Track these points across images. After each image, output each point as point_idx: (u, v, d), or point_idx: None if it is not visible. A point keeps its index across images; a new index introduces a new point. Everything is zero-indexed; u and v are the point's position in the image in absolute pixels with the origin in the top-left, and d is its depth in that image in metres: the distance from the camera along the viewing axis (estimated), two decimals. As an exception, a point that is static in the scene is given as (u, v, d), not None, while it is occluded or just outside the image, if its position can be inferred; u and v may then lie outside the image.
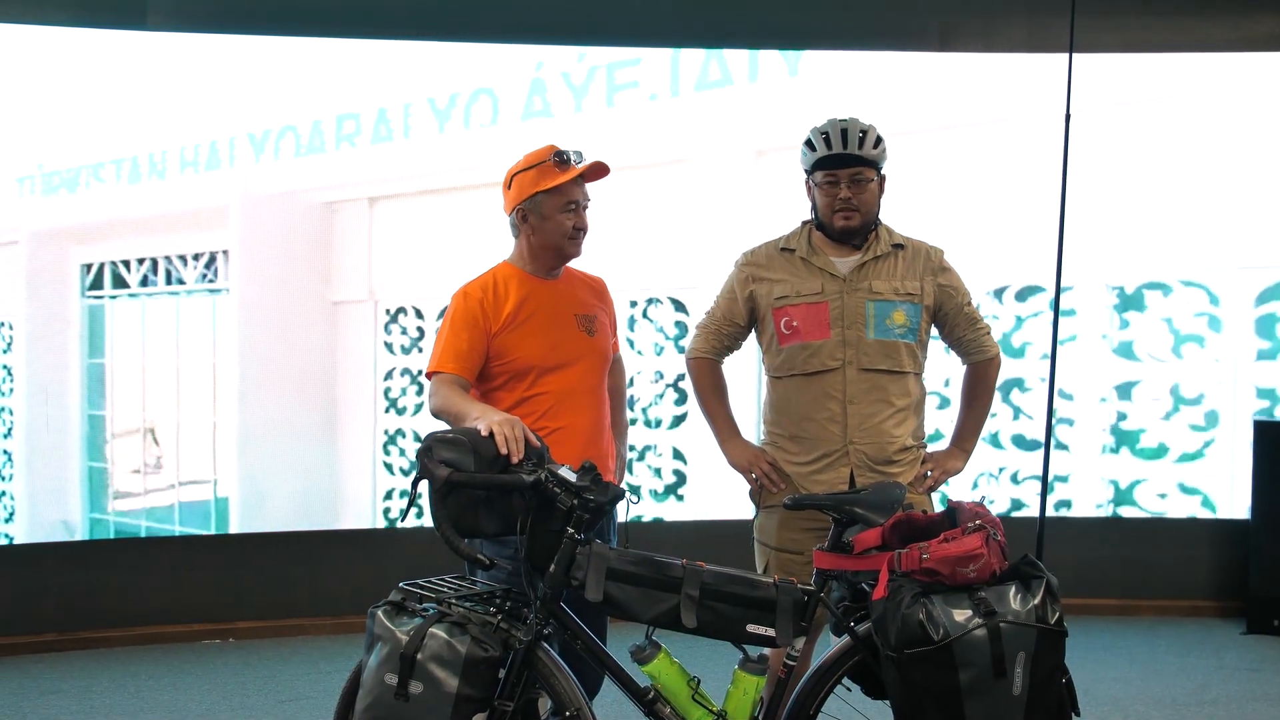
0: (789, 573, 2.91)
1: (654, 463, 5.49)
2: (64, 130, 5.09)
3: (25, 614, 5.13)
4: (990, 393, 3.41)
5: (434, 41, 5.33)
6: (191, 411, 5.28)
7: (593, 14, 5.43)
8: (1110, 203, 5.48)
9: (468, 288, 3.10)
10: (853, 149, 3.16)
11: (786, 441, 3.29)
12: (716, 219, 5.44)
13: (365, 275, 5.38)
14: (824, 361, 3.21)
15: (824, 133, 3.20)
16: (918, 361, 3.28)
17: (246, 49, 5.21)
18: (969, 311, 3.33)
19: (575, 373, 3.10)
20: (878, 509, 2.71)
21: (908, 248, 3.29)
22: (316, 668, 4.90)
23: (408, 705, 2.49)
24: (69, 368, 5.15)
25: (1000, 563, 2.59)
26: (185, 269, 5.23)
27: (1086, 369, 5.58)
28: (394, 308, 5.40)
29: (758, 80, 5.48)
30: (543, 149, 3.09)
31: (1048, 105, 4.88)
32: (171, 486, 5.28)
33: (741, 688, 2.69)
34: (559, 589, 2.62)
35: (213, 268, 5.22)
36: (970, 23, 5.59)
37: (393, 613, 2.60)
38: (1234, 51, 5.54)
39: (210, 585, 5.28)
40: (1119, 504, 5.58)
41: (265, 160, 5.25)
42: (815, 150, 3.21)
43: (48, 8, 5.03)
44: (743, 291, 3.33)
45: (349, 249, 5.35)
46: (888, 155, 3.25)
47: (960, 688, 2.47)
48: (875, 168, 3.21)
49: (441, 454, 2.57)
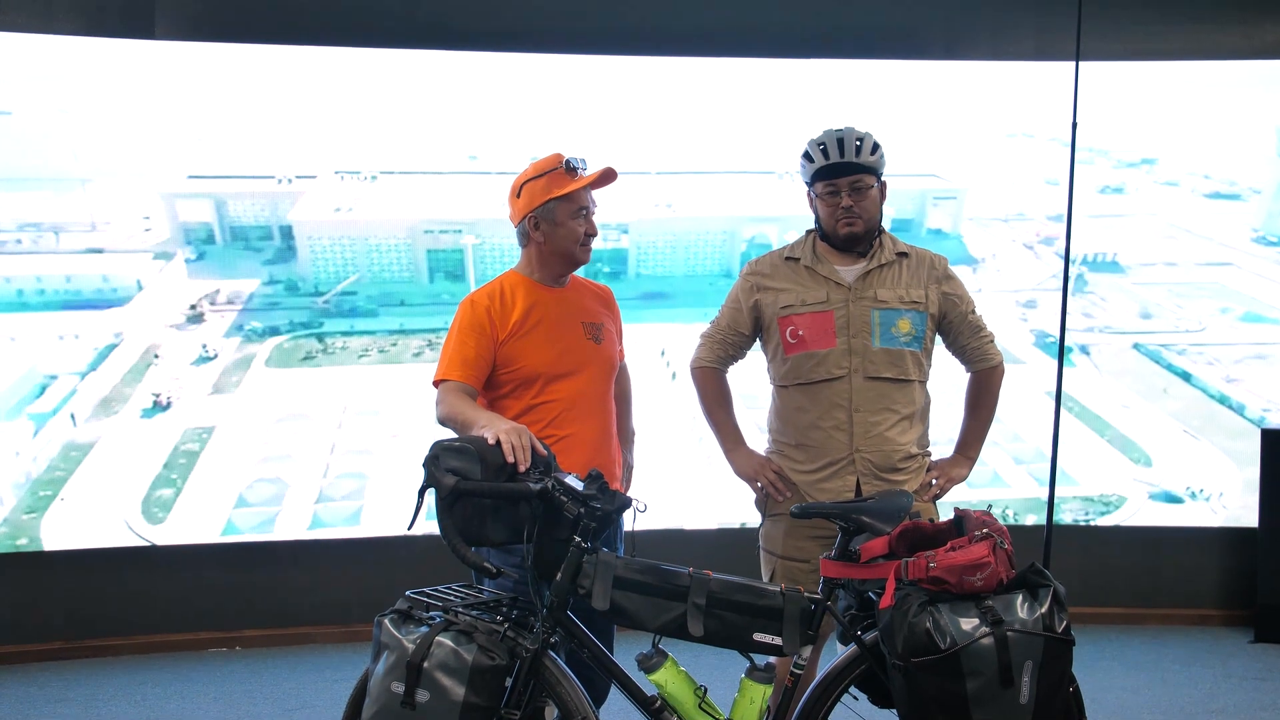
0: (795, 581, 2.92)
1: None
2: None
3: (32, 622, 5.14)
4: (995, 400, 3.42)
5: (447, 51, 5.34)
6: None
7: (594, 22, 5.43)
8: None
9: (475, 296, 3.11)
10: (850, 157, 3.18)
11: (792, 450, 3.30)
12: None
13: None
14: (830, 370, 3.21)
15: (821, 144, 3.22)
16: (923, 369, 3.29)
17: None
18: (972, 320, 3.34)
19: (582, 380, 3.10)
20: (885, 517, 2.71)
21: (912, 256, 3.30)
22: (323, 676, 4.90)
23: (414, 714, 2.49)
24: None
25: (1007, 571, 2.58)
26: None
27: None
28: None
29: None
30: (551, 157, 3.11)
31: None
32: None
33: (748, 696, 2.69)
34: (565, 597, 2.62)
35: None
36: (977, 30, 5.59)
37: (399, 621, 2.60)
38: (1242, 59, 5.54)
39: (217, 594, 5.29)
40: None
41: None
42: (813, 161, 3.23)
43: (56, 18, 5.05)
44: (747, 301, 3.34)
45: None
46: (886, 161, 3.26)
47: (967, 696, 2.47)
48: (874, 174, 3.23)
49: (448, 462, 2.58)
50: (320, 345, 5.35)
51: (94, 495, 5.13)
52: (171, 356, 5.21)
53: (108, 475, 5.15)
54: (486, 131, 5.38)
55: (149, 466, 5.20)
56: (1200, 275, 5.60)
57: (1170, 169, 5.56)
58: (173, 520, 5.19)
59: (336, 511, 5.32)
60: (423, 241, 5.38)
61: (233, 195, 5.24)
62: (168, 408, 5.21)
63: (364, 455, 5.34)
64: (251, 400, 5.30)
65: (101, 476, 5.14)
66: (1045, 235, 5.52)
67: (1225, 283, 5.59)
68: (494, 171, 5.38)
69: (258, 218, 5.28)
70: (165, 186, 5.19)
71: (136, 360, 5.19)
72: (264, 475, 5.31)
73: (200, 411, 5.26)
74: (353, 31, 5.25)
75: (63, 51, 5.03)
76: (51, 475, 5.10)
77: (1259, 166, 5.54)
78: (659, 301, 5.52)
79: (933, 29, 5.56)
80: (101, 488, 5.14)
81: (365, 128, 5.34)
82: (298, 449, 5.33)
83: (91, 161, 5.12)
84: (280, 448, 5.33)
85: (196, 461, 5.24)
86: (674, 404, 5.43)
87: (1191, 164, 5.57)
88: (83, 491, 5.13)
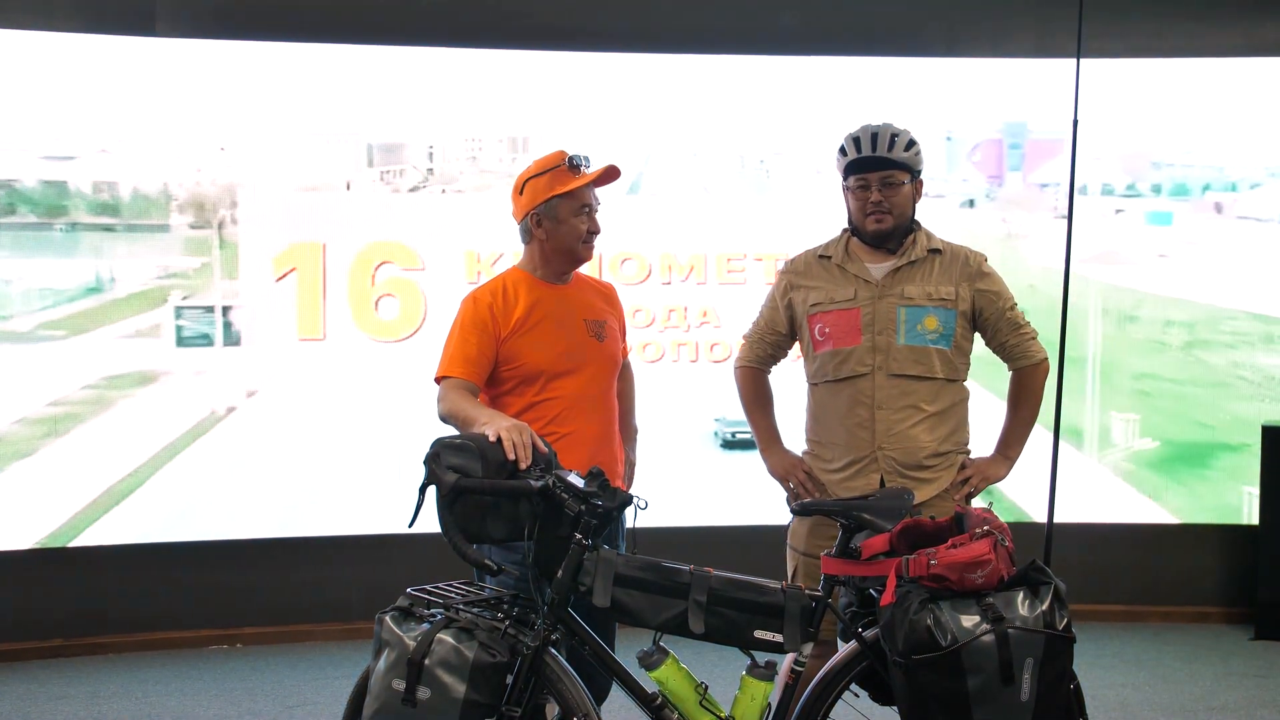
0: (816, 578, 2.91)
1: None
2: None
3: (33, 620, 5.14)
4: (1037, 399, 3.36)
5: (452, 48, 5.34)
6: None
7: (590, 21, 5.43)
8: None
9: (477, 293, 3.11)
10: (882, 152, 3.17)
11: (821, 448, 3.31)
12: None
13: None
14: (854, 367, 3.22)
15: (855, 138, 3.22)
16: (953, 367, 3.26)
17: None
18: (1011, 316, 3.31)
19: (584, 378, 3.10)
20: (885, 515, 2.71)
21: (945, 252, 3.28)
22: (324, 673, 4.90)
23: (415, 711, 2.49)
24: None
25: (1008, 568, 2.58)
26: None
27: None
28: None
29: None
30: (554, 154, 3.11)
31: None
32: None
33: (749, 693, 2.69)
34: (566, 595, 2.62)
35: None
36: (978, 28, 5.59)
37: (400, 618, 2.60)
38: (1243, 56, 5.54)
39: (217, 591, 5.29)
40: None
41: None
42: (846, 155, 3.23)
43: (56, 15, 5.05)
44: (782, 300, 3.37)
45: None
46: (923, 159, 3.26)
47: (968, 693, 2.47)
48: (908, 170, 3.22)
49: (449, 459, 2.57)
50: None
51: (94, 495, 5.14)
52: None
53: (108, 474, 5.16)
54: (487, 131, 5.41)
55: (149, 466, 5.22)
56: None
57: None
58: (173, 518, 5.19)
59: (337, 509, 5.32)
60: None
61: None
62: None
63: (364, 453, 5.33)
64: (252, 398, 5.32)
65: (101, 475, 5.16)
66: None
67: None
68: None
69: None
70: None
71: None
72: (264, 474, 5.31)
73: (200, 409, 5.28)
74: (370, 28, 5.28)
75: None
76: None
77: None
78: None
79: (933, 27, 5.58)
80: (102, 487, 5.15)
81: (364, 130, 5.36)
82: (298, 446, 5.34)
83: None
84: (280, 445, 5.33)
85: (195, 459, 5.25)
86: (676, 401, 5.44)
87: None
88: (83, 491, 5.15)
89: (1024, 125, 5.59)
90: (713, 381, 5.35)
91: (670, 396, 5.40)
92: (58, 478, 5.09)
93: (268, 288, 5.27)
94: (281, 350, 5.31)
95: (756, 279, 5.43)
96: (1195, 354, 5.62)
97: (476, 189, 5.39)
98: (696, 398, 5.46)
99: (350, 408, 5.35)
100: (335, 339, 5.34)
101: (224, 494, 5.24)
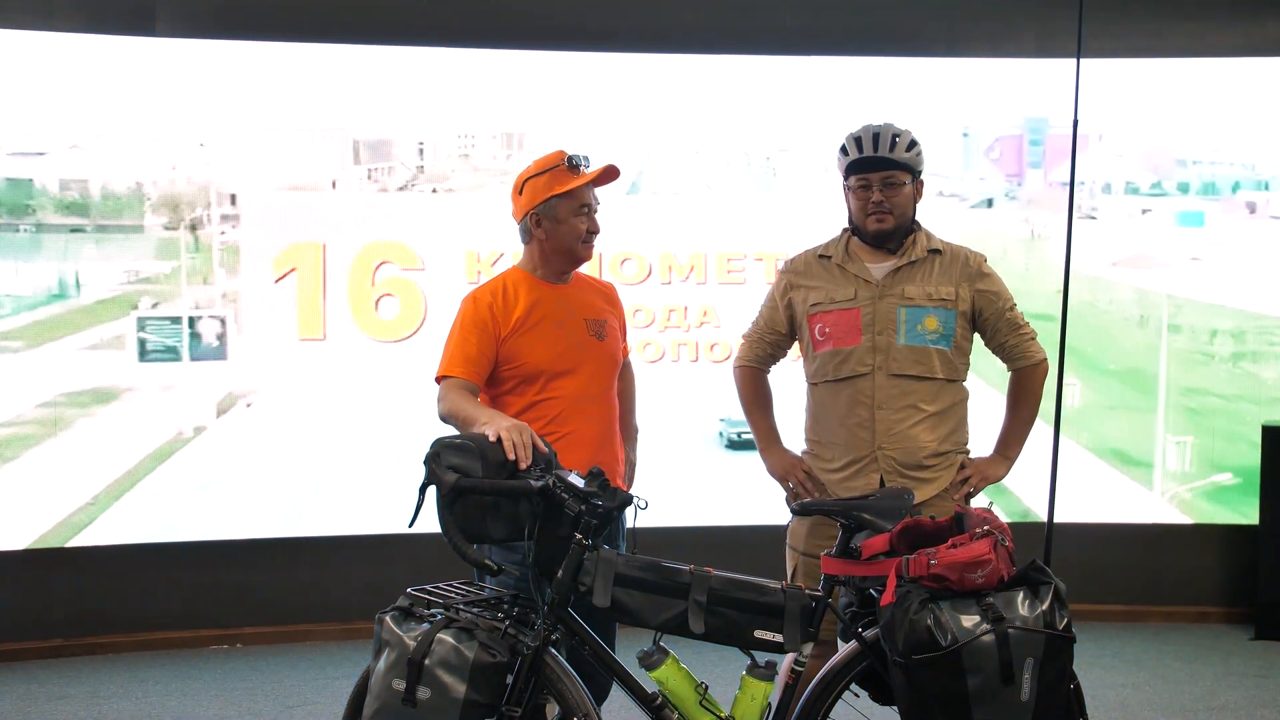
0: (816, 578, 2.91)
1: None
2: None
3: (32, 620, 5.14)
4: (1036, 400, 3.37)
5: (455, 49, 5.34)
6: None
7: (593, 20, 5.43)
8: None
9: (477, 292, 3.11)
10: (884, 152, 3.18)
11: (820, 448, 3.32)
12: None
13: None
14: (854, 367, 3.22)
15: (856, 137, 3.23)
16: (954, 367, 3.27)
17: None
18: (1010, 317, 3.31)
19: (584, 377, 3.10)
20: (885, 514, 2.71)
21: (945, 253, 3.29)
22: (324, 673, 4.90)
23: (415, 711, 2.49)
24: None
25: (1008, 568, 2.58)
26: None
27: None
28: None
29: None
30: (553, 154, 3.11)
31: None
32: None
33: (749, 693, 2.69)
34: (567, 594, 2.62)
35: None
36: (978, 27, 5.59)
37: (400, 618, 2.60)
38: (1242, 56, 5.54)
39: (217, 591, 5.29)
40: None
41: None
42: (847, 155, 3.24)
43: (56, 15, 5.05)
44: (782, 300, 3.37)
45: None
46: (924, 160, 3.26)
47: (968, 693, 2.46)
48: (909, 171, 3.22)
49: (449, 459, 2.57)
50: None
51: (92, 494, 5.14)
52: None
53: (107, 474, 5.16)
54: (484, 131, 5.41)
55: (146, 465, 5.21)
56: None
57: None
58: (173, 518, 5.19)
59: (337, 509, 5.32)
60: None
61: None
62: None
63: (365, 453, 5.33)
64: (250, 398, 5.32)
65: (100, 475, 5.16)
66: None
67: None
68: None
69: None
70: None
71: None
72: (265, 474, 5.31)
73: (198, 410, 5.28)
74: (366, 28, 5.27)
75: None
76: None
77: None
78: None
79: (933, 26, 5.58)
80: (100, 487, 5.15)
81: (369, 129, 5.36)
82: (298, 446, 5.34)
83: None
84: (281, 445, 5.33)
85: (195, 459, 5.25)
86: (676, 401, 5.43)
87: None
88: (82, 490, 5.15)
89: (1045, 120, 5.49)
90: (713, 381, 5.34)
91: (670, 396, 5.40)
92: (56, 478, 5.09)
93: (267, 288, 5.27)
94: (282, 350, 5.31)
95: (757, 279, 5.43)
96: (1243, 366, 5.42)
97: (469, 187, 5.38)
98: (696, 398, 5.46)
99: (350, 408, 5.35)
100: (335, 339, 5.34)
101: (224, 494, 5.24)
